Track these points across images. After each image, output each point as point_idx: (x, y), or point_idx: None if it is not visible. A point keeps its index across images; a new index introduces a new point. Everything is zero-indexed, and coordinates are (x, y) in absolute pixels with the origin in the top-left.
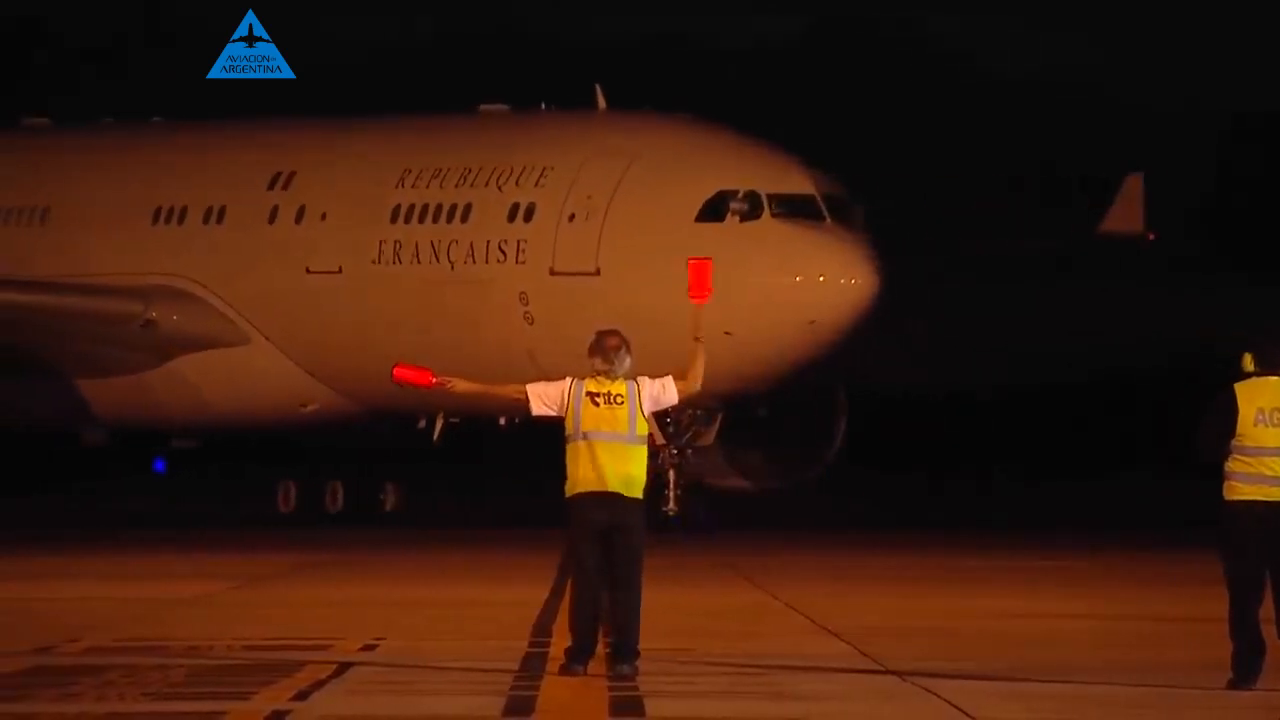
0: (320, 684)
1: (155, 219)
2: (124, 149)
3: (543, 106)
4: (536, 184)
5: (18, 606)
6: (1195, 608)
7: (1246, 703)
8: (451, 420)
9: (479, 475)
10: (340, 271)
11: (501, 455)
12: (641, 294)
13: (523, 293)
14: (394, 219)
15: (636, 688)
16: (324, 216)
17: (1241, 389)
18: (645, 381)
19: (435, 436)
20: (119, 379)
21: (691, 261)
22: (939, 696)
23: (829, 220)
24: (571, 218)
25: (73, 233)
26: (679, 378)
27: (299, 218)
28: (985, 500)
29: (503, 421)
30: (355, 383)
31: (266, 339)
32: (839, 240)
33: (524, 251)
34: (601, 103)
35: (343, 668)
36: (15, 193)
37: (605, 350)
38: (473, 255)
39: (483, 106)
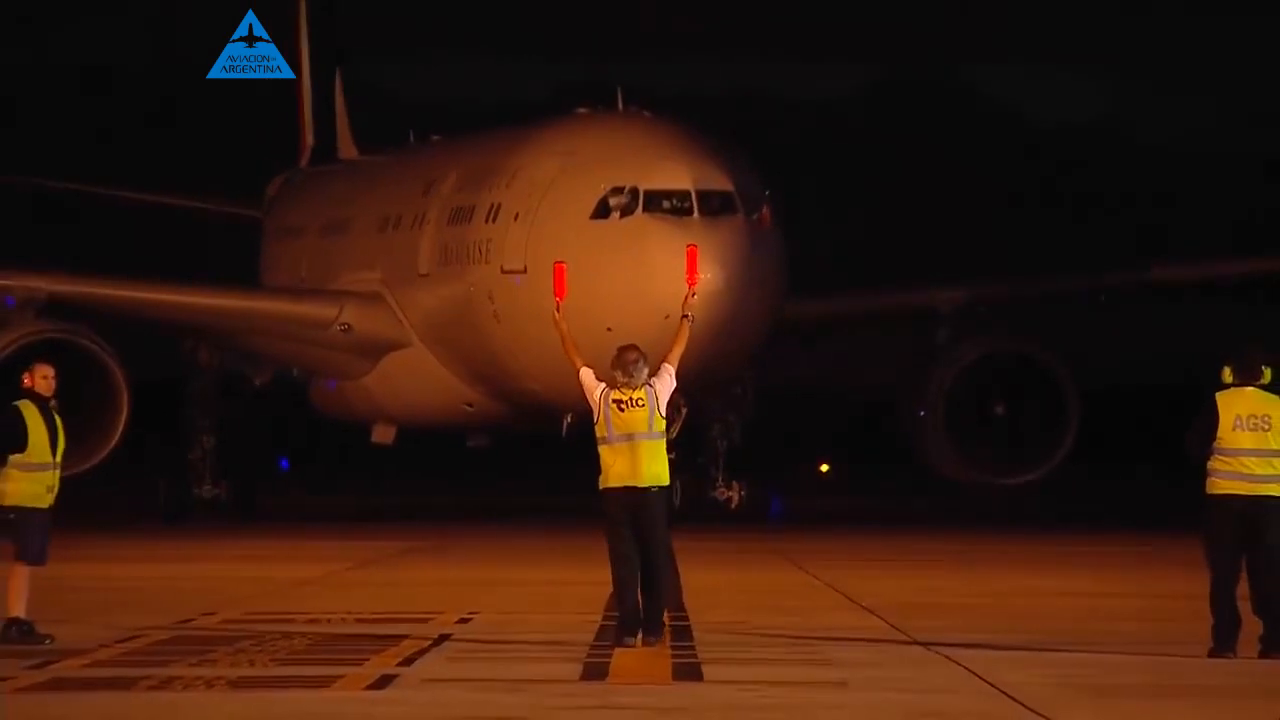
0: (422, 652)
1: (381, 227)
2: (384, 168)
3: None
4: (508, 185)
5: (163, 585)
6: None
7: (1223, 668)
8: (577, 417)
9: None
10: (427, 275)
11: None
12: (551, 291)
13: (490, 291)
14: (449, 222)
15: (696, 655)
16: (428, 221)
17: (1222, 398)
18: (656, 383)
19: (564, 431)
20: (341, 379)
21: (689, 248)
22: (959, 664)
23: (695, 216)
24: (516, 217)
25: (336, 242)
26: (670, 361)
27: (420, 223)
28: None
29: (565, 432)
30: (488, 382)
31: (420, 341)
32: (691, 236)
33: (490, 251)
34: (620, 106)
35: (442, 638)
36: (328, 209)
37: (625, 364)
38: (468, 255)
39: (577, 110)
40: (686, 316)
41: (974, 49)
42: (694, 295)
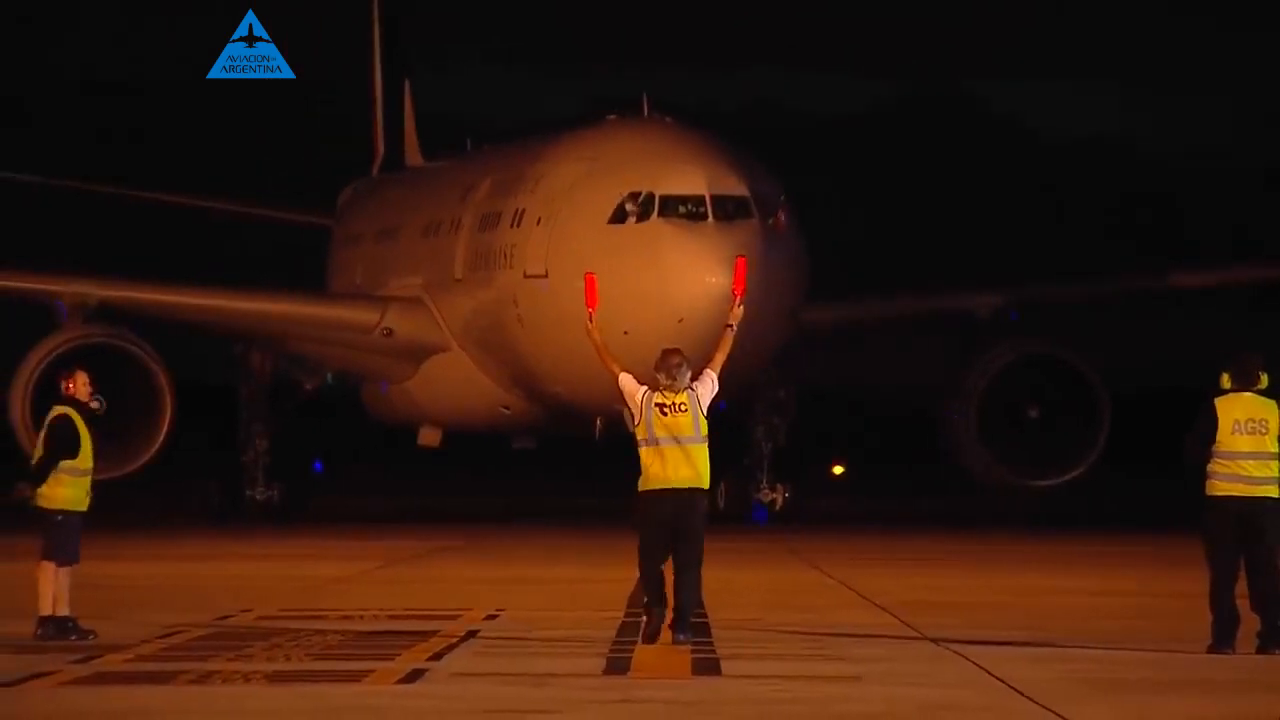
0: (451, 647)
1: (424, 234)
2: (434, 176)
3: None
4: (532, 191)
5: (203, 583)
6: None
7: (1223, 664)
8: (607, 420)
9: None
10: (461, 280)
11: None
12: (572, 295)
13: (515, 296)
14: (480, 228)
15: (714, 651)
16: (463, 226)
17: (1220, 403)
18: (699, 386)
19: (596, 435)
20: (386, 383)
21: (738, 259)
22: (970, 660)
23: (710, 220)
24: (539, 222)
25: (388, 248)
26: (712, 368)
27: (456, 228)
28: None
29: (597, 436)
30: (521, 386)
31: (458, 345)
32: (705, 240)
33: (514, 256)
34: (645, 111)
35: (470, 634)
36: (384, 216)
37: (669, 368)
38: (495, 260)
39: (606, 117)
40: (730, 326)
41: (982, 63)
42: (740, 305)
